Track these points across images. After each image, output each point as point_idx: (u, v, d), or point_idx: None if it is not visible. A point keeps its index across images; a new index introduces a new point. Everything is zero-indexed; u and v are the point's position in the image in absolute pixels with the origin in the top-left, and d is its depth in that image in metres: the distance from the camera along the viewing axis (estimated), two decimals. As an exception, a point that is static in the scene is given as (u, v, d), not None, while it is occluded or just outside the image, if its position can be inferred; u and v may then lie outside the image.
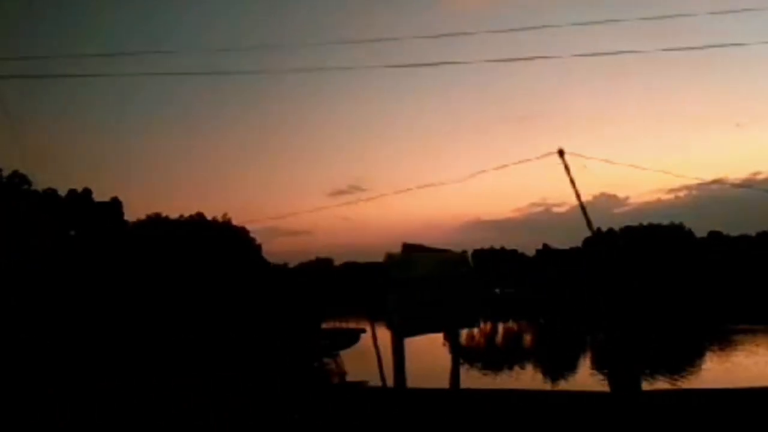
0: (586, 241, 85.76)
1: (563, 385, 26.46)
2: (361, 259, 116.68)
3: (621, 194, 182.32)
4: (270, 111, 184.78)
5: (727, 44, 64.26)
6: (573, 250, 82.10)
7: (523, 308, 74.08)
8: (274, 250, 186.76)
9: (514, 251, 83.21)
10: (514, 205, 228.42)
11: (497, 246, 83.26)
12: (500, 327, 64.16)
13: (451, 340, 14.17)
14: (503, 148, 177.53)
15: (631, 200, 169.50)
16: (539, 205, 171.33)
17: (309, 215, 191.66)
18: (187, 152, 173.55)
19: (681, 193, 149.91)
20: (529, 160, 14.84)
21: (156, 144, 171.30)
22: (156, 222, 63.54)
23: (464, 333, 64.88)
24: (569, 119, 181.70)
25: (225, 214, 62.75)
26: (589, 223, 15.41)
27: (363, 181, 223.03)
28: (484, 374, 31.77)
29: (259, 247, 64.66)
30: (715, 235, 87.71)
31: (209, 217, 62.56)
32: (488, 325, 64.20)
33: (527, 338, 58.12)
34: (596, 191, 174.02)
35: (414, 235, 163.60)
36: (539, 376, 31.04)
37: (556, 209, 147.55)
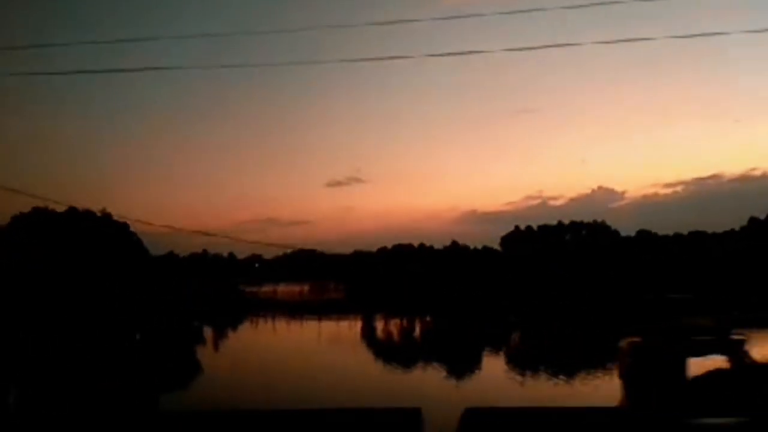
0: (503, 240, 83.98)
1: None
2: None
3: (618, 188, 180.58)
4: (268, 102, 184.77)
5: (728, 32, 61.72)
6: (487, 248, 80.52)
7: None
8: (269, 240, 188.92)
9: (431, 247, 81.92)
10: (510, 197, 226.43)
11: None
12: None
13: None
14: (502, 141, 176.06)
15: (628, 194, 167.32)
16: (535, 198, 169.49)
17: (308, 206, 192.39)
18: (182, 147, 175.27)
19: (678, 188, 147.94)
20: None
21: (152, 141, 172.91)
22: (39, 215, 63.58)
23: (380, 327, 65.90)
24: (568, 113, 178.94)
25: (104, 209, 62.47)
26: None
27: (362, 172, 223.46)
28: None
29: (139, 242, 64.46)
30: (644, 235, 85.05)
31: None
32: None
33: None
34: (594, 185, 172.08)
35: (410, 226, 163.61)
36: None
37: (552, 202, 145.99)
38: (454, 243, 78.48)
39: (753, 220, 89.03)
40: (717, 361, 11.38)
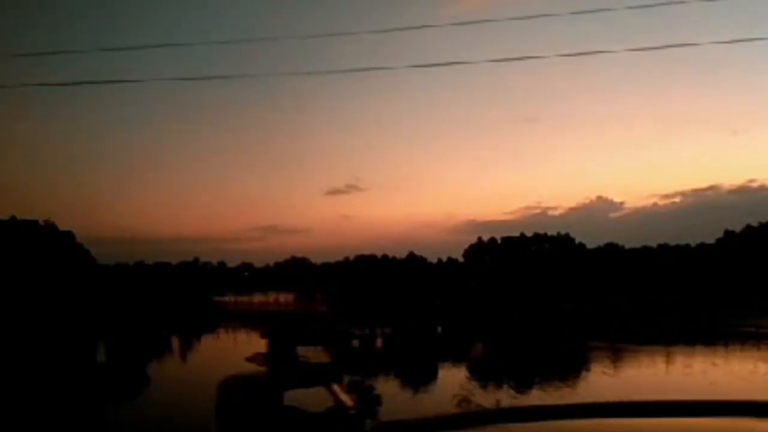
0: (465, 252, 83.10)
1: None
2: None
3: (617, 199, 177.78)
4: (267, 111, 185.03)
5: (725, 41, 60.40)
6: (451, 260, 79.86)
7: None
8: (268, 248, 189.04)
9: (394, 258, 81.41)
10: (509, 207, 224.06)
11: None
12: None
13: None
14: (502, 150, 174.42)
15: (627, 205, 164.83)
16: (534, 207, 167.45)
17: (307, 213, 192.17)
18: (181, 156, 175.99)
19: (676, 199, 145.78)
20: None
21: (151, 149, 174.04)
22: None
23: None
24: (568, 123, 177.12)
25: (48, 219, 62.85)
26: None
27: (361, 180, 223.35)
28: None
29: (87, 252, 64.69)
30: (611, 247, 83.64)
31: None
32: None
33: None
34: (593, 195, 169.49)
35: (409, 235, 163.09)
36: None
37: (551, 212, 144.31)
38: (411, 254, 77.92)
39: (728, 233, 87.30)
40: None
